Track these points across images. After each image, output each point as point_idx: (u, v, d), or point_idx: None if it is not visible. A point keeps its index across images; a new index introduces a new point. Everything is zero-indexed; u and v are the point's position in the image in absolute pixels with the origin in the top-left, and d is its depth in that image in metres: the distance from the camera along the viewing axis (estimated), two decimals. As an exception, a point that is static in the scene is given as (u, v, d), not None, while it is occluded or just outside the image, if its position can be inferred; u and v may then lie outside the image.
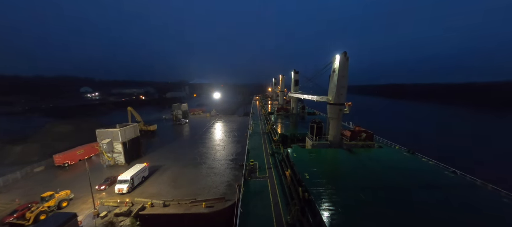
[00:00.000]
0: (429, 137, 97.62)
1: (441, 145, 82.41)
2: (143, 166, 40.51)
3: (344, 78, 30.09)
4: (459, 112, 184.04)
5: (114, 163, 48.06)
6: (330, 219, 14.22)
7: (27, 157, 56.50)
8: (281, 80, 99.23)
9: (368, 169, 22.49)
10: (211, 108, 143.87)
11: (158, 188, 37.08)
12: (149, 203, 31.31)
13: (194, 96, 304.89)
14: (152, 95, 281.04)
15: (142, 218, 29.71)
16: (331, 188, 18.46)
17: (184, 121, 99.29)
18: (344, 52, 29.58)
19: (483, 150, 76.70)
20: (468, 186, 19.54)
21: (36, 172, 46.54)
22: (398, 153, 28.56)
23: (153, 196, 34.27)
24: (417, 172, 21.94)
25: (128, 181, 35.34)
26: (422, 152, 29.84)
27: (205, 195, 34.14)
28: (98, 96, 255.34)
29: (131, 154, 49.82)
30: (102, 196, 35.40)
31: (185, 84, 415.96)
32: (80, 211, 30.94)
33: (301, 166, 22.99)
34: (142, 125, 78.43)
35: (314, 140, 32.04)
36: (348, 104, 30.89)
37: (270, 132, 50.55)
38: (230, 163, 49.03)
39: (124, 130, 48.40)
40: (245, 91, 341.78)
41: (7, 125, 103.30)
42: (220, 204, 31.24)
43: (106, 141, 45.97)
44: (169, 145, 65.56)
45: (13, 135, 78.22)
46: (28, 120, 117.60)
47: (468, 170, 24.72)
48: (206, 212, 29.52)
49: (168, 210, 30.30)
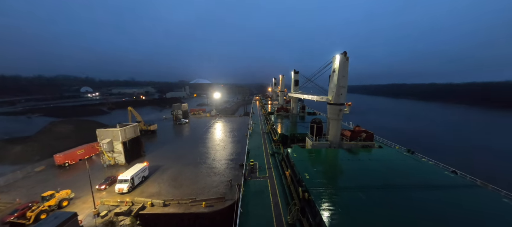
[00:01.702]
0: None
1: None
2: (143, 165, 40.58)
3: (344, 78, 30.08)
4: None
5: (114, 163, 48.13)
6: (330, 219, 14.20)
7: (28, 157, 56.64)
8: (281, 80, 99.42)
9: (368, 169, 22.47)
10: (211, 108, 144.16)
11: (158, 188, 37.14)
12: (149, 202, 31.38)
13: (194, 96, 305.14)
14: (152, 96, 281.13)
15: (142, 217, 29.80)
16: (331, 188, 18.43)
17: (185, 120, 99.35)
18: (344, 52, 29.49)
19: (483, 150, 76.69)
20: (468, 186, 19.50)
21: (36, 171, 46.64)
22: (398, 153, 28.55)
23: (153, 195, 34.35)
24: (417, 172, 21.91)
25: (128, 181, 35.41)
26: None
27: (205, 195, 34.21)
28: (99, 96, 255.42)
29: (132, 153, 49.90)
30: (103, 195, 35.47)
31: (185, 84, 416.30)
32: (81, 211, 31.00)
33: (301, 166, 22.97)
34: (142, 124, 78.53)
35: (314, 140, 32.02)
36: (348, 104, 30.84)
37: (270, 132, 50.54)
38: (230, 162, 49.10)
39: (124, 130, 48.48)
40: (245, 91, 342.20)
41: (8, 124, 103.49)
42: (219, 203, 31.31)
43: (106, 140, 46.05)
44: (169, 144, 65.67)
45: (14, 134, 78.52)
46: (29, 120, 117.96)
47: (468, 170, 24.86)
48: (206, 212, 29.58)
49: (168, 210, 30.35)
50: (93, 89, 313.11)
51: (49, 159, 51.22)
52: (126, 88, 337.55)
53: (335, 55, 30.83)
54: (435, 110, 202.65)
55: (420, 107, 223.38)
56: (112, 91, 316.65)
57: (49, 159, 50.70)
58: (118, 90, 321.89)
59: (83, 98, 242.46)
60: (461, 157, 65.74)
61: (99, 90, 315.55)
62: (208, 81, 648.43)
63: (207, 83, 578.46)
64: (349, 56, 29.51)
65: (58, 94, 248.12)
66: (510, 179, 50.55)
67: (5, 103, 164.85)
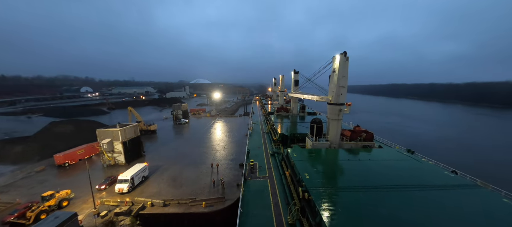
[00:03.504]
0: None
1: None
2: (143, 165, 40.58)
3: (344, 78, 30.09)
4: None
5: (114, 163, 48.13)
6: (330, 219, 14.18)
7: (28, 157, 56.65)
8: (281, 80, 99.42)
9: (368, 169, 22.46)
10: (212, 108, 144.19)
11: (158, 188, 37.14)
12: (149, 202, 31.38)
13: (194, 96, 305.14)
14: (152, 96, 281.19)
15: (142, 217, 29.80)
16: (331, 188, 18.43)
17: (184, 120, 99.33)
18: (344, 52, 29.49)
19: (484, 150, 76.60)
20: (468, 186, 19.46)
21: (36, 171, 46.62)
22: (398, 153, 28.57)
23: (153, 195, 34.33)
24: (417, 172, 21.89)
25: (128, 181, 35.41)
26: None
27: (205, 195, 34.19)
28: (99, 96, 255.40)
29: (131, 153, 49.89)
30: (103, 195, 35.47)
31: (185, 84, 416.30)
32: (81, 211, 31.00)
33: (301, 166, 22.98)
34: (142, 124, 78.55)
35: (314, 140, 32.03)
36: (348, 104, 30.85)
37: (270, 132, 50.57)
38: (230, 163, 49.06)
39: (124, 130, 48.47)
40: (245, 91, 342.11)
41: (8, 124, 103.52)
42: (219, 203, 31.30)
43: (106, 140, 46.04)
44: (169, 144, 65.67)
45: (14, 134, 78.55)
46: (29, 120, 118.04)
47: (468, 170, 24.76)
48: (206, 212, 29.57)
49: (168, 210, 30.35)
50: (93, 90, 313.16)
51: (49, 159, 51.18)
52: (126, 88, 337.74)
53: (335, 55, 30.79)
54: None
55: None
56: (112, 91, 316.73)
57: (50, 159, 50.66)
58: (118, 90, 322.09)
59: (83, 98, 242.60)
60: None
61: (99, 90, 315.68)
62: (208, 81, 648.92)
63: (207, 83, 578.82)
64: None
65: (58, 95, 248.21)
66: (510, 179, 50.50)
67: (5, 104, 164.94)
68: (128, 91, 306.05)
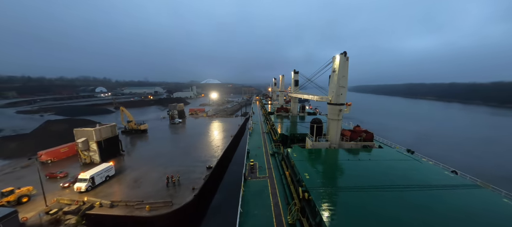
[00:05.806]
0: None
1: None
2: (109, 165, 41.16)
3: (344, 78, 29.98)
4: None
5: (90, 161, 49.55)
6: (330, 219, 14.15)
7: (22, 153, 60.26)
8: (281, 80, 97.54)
9: (368, 169, 22.30)
10: (210, 108, 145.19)
11: (116, 188, 37.35)
12: (98, 203, 31.53)
13: (201, 96, 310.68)
14: (161, 95, 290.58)
15: (88, 217, 29.98)
16: (331, 188, 18.37)
17: (178, 120, 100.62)
18: (344, 52, 29.26)
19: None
20: (469, 186, 19.05)
21: (22, 167, 49.24)
22: (398, 153, 28.25)
23: (108, 195, 34.55)
24: (417, 172, 21.56)
25: (87, 180, 35.98)
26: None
27: (157, 198, 33.69)
28: (111, 96, 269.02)
29: (107, 152, 51.04)
30: (66, 193, 36.38)
31: (194, 84, 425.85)
32: (36, 207, 31.92)
33: (301, 166, 22.95)
34: (133, 124, 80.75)
35: (314, 140, 31.93)
36: (348, 104, 30.73)
37: (270, 132, 50.32)
38: (201, 164, 48.19)
39: (99, 130, 49.76)
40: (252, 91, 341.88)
41: (21, 122, 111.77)
42: (165, 207, 30.60)
43: (81, 140, 47.54)
44: (153, 144, 66.47)
45: (19, 131, 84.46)
46: (41, 118, 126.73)
47: (468, 169, 24.17)
48: (147, 216, 29.00)
49: (113, 211, 30.20)
50: (108, 90, 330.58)
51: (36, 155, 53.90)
52: (137, 88, 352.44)
53: (335, 55, 30.77)
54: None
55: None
56: (124, 91, 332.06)
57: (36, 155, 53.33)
58: (129, 90, 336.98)
59: (96, 98, 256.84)
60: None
61: (113, 90, 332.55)
62: (218, 81, 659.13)
63: (217, 83, 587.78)
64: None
65: (74, 94, 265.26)
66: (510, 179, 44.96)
67: (25, 103, 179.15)
68: (138, 91, 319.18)
